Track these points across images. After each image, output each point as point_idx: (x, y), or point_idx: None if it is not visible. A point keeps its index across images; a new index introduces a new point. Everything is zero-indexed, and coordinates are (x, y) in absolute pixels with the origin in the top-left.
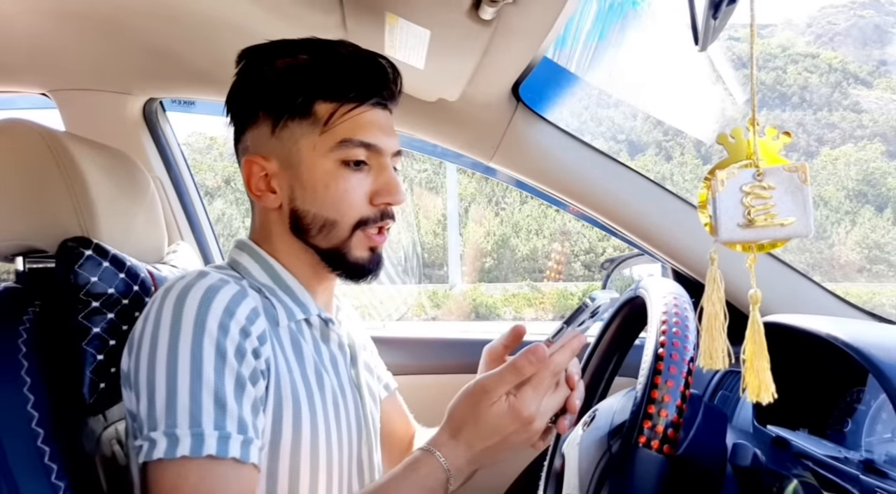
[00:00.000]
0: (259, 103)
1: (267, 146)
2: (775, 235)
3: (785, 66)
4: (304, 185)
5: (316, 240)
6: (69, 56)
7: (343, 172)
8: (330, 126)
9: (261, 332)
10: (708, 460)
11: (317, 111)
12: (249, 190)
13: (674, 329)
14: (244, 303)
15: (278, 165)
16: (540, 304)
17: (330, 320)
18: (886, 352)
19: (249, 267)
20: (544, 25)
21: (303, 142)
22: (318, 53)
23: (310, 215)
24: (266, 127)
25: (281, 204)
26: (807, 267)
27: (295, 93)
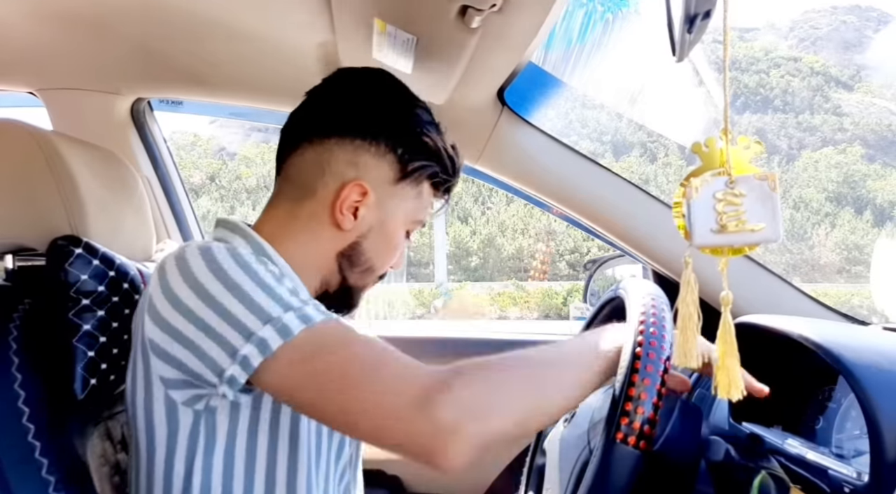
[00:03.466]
0: (391, 139)
1: (381, 185)
2: (746, 240)
3: (768, 70)
4: (381, 234)
5: (351, 275)
6: (57, 55)
7: (401, 240)
8: (425, 198)
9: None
10: (683, 455)
11: (423, 188)
12: (336, 206)
13: (651, 329)
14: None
15: (375, 202)
16: (525, 303)
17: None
18: (854, 353)
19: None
20: (529, 32)
21: (403, 204)
22: (441, 136)
23: (366, 256)
24: (390, 169)
25: (349, 231)
26: (787, 268)
27: (446, 171)
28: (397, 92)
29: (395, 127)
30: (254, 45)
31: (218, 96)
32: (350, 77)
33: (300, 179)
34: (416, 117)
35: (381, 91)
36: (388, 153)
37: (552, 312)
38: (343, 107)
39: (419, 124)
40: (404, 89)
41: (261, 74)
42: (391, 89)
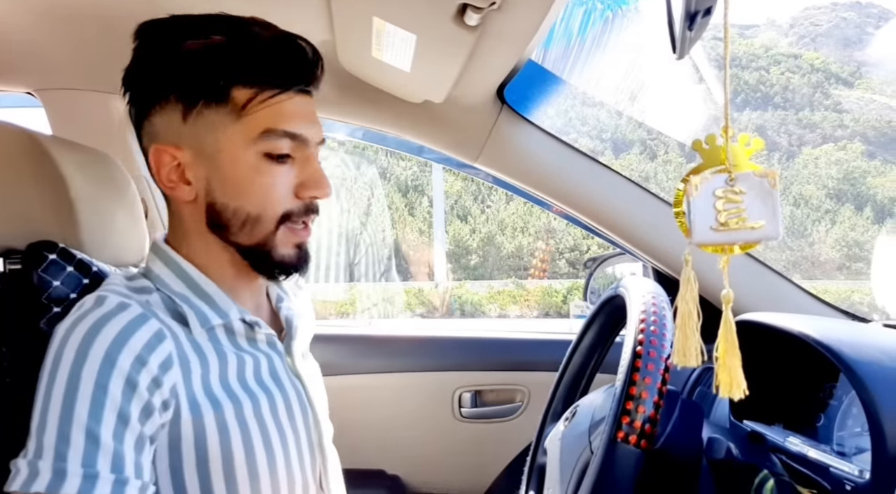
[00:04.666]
0: (168, 87)
1: (178, 134)
2: (746, 238)
3: (768, 67)
4: (224, 178)
5: (238, 236)
6: (55, 55)
7: (267, 165)
8: (248, 112)
9: (164, 358)
10: (684, 454)
11: (235, 97)
12: (159, 180)
13: (651, 327)
14: (143, 329)
15: (192, 155)
16: (525, 302)
17: (256, 322)
18: (855, 350)
19: (162, 274)
20: (528, 30)
21: (221, 131)
22: (234, 33)
23: (229, 210)
24: (176, 113)
25: (196, 196)
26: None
27: (210, 77)
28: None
29: (137, 70)
30: None
31: None
32: None
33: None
34: (152, 45)
35: (139, 51)
36: (158, 99)
37: (552, 310)
38: (128, 95)
39: (158, 48)
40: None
41: None
42: (146, 40)
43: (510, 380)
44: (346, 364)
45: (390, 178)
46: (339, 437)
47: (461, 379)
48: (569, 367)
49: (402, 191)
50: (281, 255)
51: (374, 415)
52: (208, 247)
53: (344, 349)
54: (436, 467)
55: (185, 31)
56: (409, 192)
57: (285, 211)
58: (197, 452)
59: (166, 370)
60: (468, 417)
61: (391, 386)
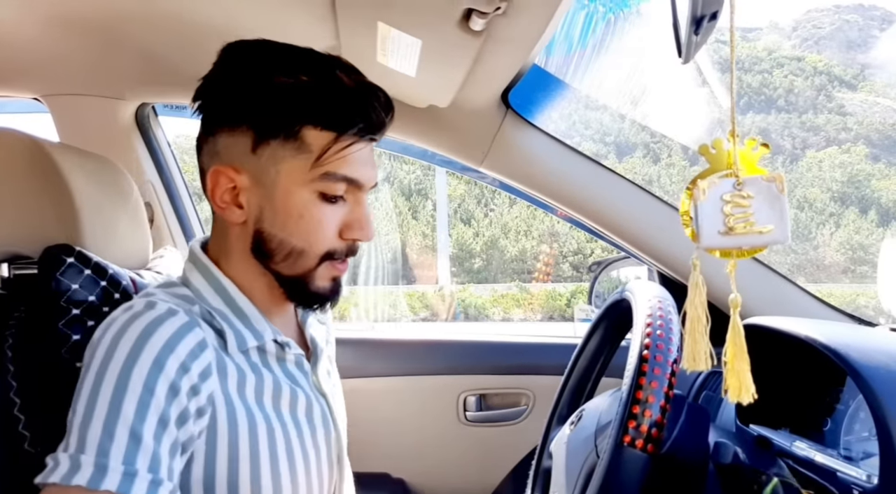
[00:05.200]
0: (246, 114)
1: (242, 159)
2: (754, 242)
3: (771, 69)
4: (276, 209)
5: (279, 266)
6: (62, 61)
7: (320, 204)
8: (315, 150)
9: (204, 367)
10: (691, 458)
11: (305, 137)
12: (213, 199)
13: (658, 331)
14: (189, 336)
15: (250, 181)
16: (528, 305)
17: (287, 343)
18: (862, 354)
19: (202, 288)
20: (533, 35)
21: (283, 166)
22: (321, 75)
23: (276, 240)
24: (246, 139)
25: (246, 220)
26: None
27: (288, 116)
28: (238, 60)
29: (217, 89)
30: None
31: None
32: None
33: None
34: (238, 71)
35: (222, 70)
36: (231, 122)
37: (556, 314)
38: (200, 106)
39: (265, 73)
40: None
41: None
42: (232, 63)
43: (515, 384)
44: (351, 367)
45: (394, 182)
46: None
47: (466, 382)
48: (574, 371)
49: (405, 194)
50: (317, 287)
51: (379, 419)
52: (248, 268)
53: (349, 352)
54: (441, 470)
55: (274, 64)
56: (413, 196)
57: (329, 249)
58: (230, 463)
59: (205, 378)
60: (473, 421)
61: (396, 389)
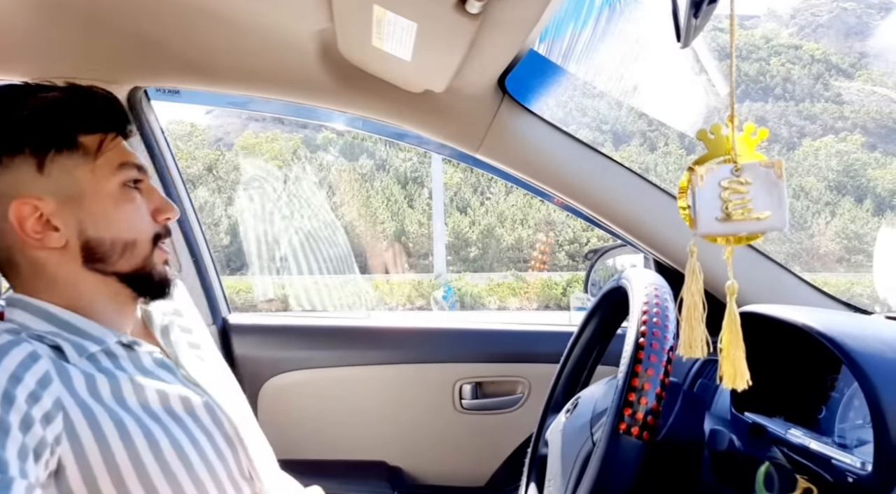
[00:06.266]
0: (15, 144)
1: (33, 186)
2: (752, 229)
3: (768, 58)
4: (95, 212)
5: (117, 265)
6: (52, 44)
7: (128, 193)
8: (100, 150)
9: (41, 375)
10: (686, 445)
11: (83, 143)
12: (24, 234)
13: (654, 319)
14: (15, 351)
15: (55, 202)
16: (524, 294)
17: (134, 342)
18: (858, 342)
19: (26, 321)
20: (530, 19)
21: (79, 173)
22: (68, 92)
23: (107, 241)
24: (27, 166)
25: (67, 241)
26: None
27: (60, 128)
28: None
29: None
30: (251, 33)
31: (215, 85)
32: None
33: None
34: (12, 99)
35: None
36: (16, 151)
37: (552, 302)
38: None
39: (17, 100)
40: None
41: (259, 63)
42: None
43: (511, 372)
44: (346, 355)
45: (389, 170)
46: (340, 428)
47: (462, 370)
48: (570, 359)
49: (401, 182)
50: (159, 273)
51: (375, 407)
52: (84, 286)
53: (345, 340)
54: (437, 458)
55: (23, 94)
56: (409, 184)
57: (154, 232)
58: (106, 462)
59: (45, 386)
60: (469, 409)
61: (392, 377)
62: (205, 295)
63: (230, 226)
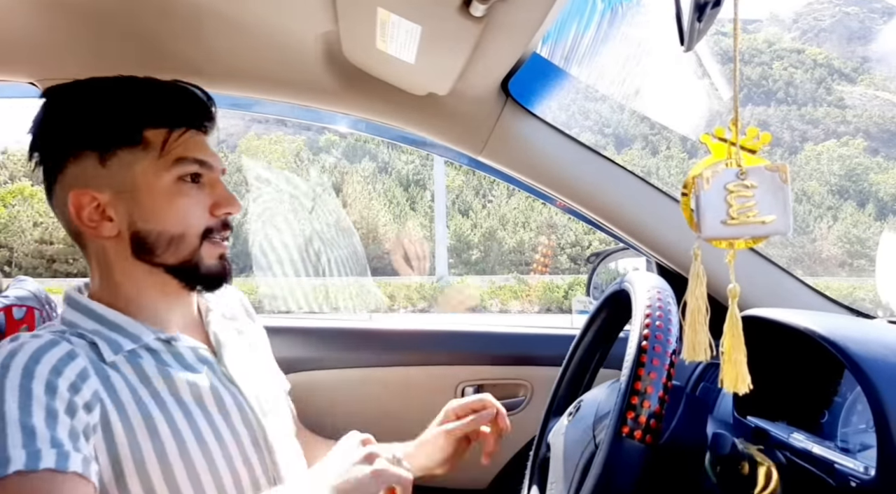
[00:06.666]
0: (82, 138)
1: (95, 178)
2: (756, 232)
3: (770, 62)
4: (145, 206)
5: (164, 257)
6: (57, 45)
7: (183, 187)
8: (160, 144)
9: (80, 370)
10: (688, 449)
11: (147, 137)
12: (81, 223)
13: (657, 322)
14: (55, 350)
15: (111, 194)
16: (526, 297)
17: (173, 338)
18: (861, 346)
19: (74, 318)
20: (534, 22)
21: (137, 168)
22: (138, 85)
23: (154, 233)
24: (91, 160)
25: (119, 231)
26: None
27: (125, 124)
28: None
29: (48, 130)
30: (255, 35)
31: (218, 87)
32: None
33: (66, 228)
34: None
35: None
36: (71, 152)
37: (553, 306)
38: (35, 146)
39: (66, 107)
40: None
41: (262, 65)
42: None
43: (513, 375)
44: (349, 357)
45: (392, 172)
46: (342, 431)
47: (464, 373)
48: (572, 362)
49: (403, 185)
50: (207, 267)
51: (378, 409)
52: (135, 275)
53: (347, 342)
54: None
55: (90, 89)
56: (411, 187)
57: (206, 227)
58: (134, 456)
59: (84, 379)
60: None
61: (394, 379)
62: None
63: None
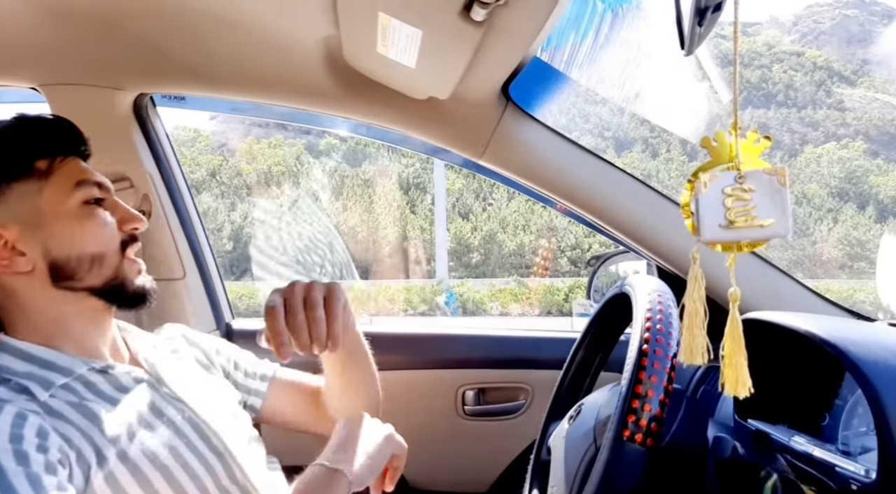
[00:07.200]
0: None
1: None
2: (755, 236)
3: (770, 64)
4: (58, 233)
5: (87, 279)
6: (59, 50)
7: (89, 210)
8: (53, 172)
9: (37, 429)
10: (690, 452)
11: (38, 167)
12: None
13: (658, 325)
14: (2, 414)
15: (18, 228)
16: (526, 299)
17: (109, 366)
18: (861, 349)
19: (9, 363)
20: (535, 26)
21: (35, 198)
22: (14, 122)
23: (73, 258)
24: None
25: (34, 264)
26: (790, 264)
27: (12, 157)
28: None
29: None
30: (257, 39)
31: (220, 91)
32: None
33: None
34: None
35: None
36: None
37: (553, 309)
38: None
39: None
40: None
41: (264, 69)
42: None
43: (514, 378)
44: None
45: (392, 175)
46: None
47: (465, 376)
48: (573, 365)
49: (403, 188)
50: (135, 285)
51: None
52: (56, 308)
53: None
54: (439, 464)
55: None
56: (411, 190)
57: (122, 240)
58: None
59: (45, 436)
60: (472, 415)
61: (394, 383)
62: (209, 300)
63: (233, 230)
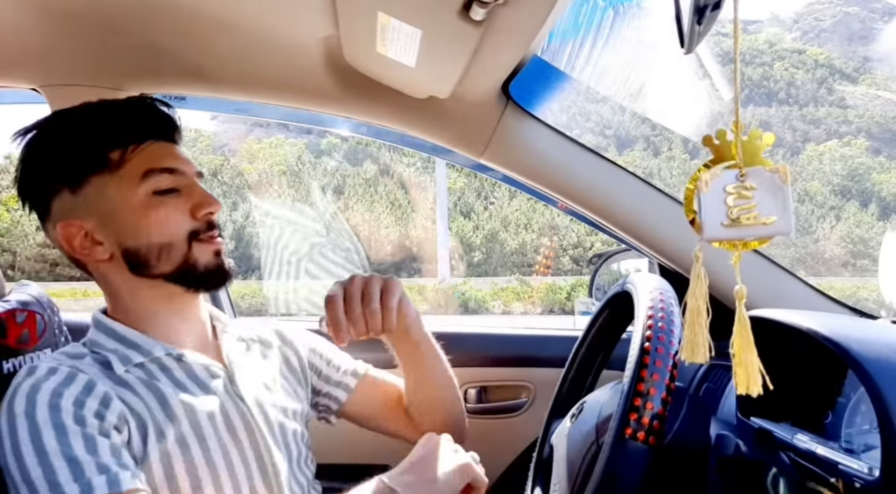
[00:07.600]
0: (52, 176)
1: (75, 208)
2: (758, 234)
3: (772, 62)
4: (127, 224)
5: (159, 267)
6: (59, 51)
7: (157, 200)
8: (124, 163)
9: (102, 396)
10: (692, 450)
11: (112, 158)
12: (75, 252)
13: (660, 323)
14: (73, 385)
15: (94, 219)
16: (528, 298)
17: (182, 355)
18: (864, 346)
19: (97, 339)
20: (534, 25)
21: (109, 190)
22: (92, 110)
23: (142, 248)
24: (67, 193)
25: (112, 253)
26: (792, 262)
27: (85, 151)
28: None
29: (26, 176)
30: (256, 39)
31: (221, 92)
32: None
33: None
34: (32, 150)
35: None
36: (50, 190)
37: (556, 307)
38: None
39: (36, 149)
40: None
41: (264, 69)
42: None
43: (516, 376)
44: None
45: (393, 175)
46: (343, 433)
47: (467, 374)
48: (575, 363)
49: (404, 187)
50: (204, 266)
51: None
52: (139, 291)
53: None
54: None
55: (51, 127)
56: (412, 189)
57: (190, 230)
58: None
59: (107, 404)
60: (474, 413)
61: None
62: (210, 299)
63: (235, 230)
